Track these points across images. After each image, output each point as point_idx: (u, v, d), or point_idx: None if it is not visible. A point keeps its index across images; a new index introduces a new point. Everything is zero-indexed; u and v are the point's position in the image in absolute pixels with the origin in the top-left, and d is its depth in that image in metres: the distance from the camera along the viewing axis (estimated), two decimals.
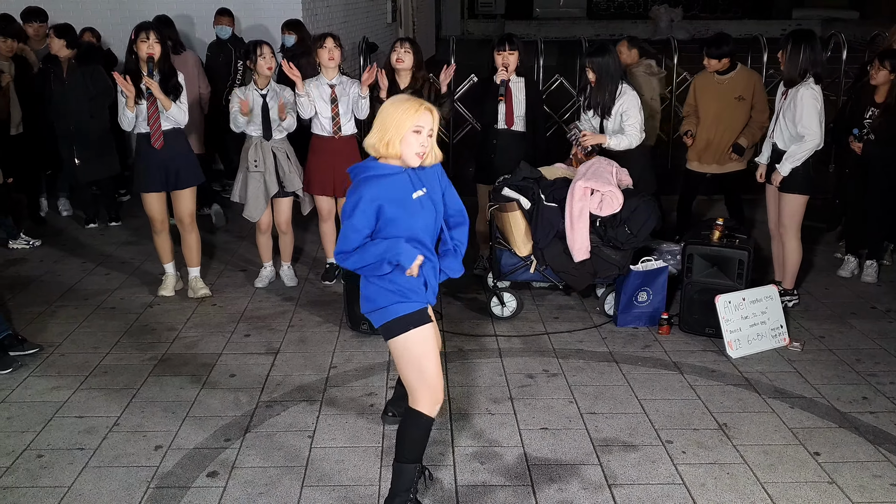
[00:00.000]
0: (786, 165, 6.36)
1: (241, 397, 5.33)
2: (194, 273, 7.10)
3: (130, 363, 5.83)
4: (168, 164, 6.62)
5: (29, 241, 8.38)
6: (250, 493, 4.32)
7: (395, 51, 6.85)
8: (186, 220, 6.88)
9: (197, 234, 7.00)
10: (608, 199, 6.16)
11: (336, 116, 6.80)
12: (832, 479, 4.44)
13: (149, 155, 6.59)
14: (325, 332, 6.32)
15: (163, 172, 6.63)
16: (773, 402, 5.26)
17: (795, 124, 6.27)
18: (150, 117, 6.49)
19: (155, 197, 6.74)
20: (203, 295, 7.01)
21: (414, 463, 4.03)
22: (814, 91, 6.24)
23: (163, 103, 6.45)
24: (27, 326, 6.40)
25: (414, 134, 3.78)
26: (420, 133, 3.79)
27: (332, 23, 11.90)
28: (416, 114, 3.77)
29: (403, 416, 4.09)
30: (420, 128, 3.79)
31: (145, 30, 6.44)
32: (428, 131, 3.82)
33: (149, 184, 6.67)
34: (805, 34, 6.35)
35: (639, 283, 6.29)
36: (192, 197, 6.85)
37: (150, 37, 6.39)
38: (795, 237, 6.55)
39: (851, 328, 6.38)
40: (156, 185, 6.67)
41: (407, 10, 18.40)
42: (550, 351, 5.99)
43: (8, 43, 8.41)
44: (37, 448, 4.74)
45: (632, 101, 6.71)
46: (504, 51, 6.87)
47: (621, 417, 5.07)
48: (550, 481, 4.42)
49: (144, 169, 6.64)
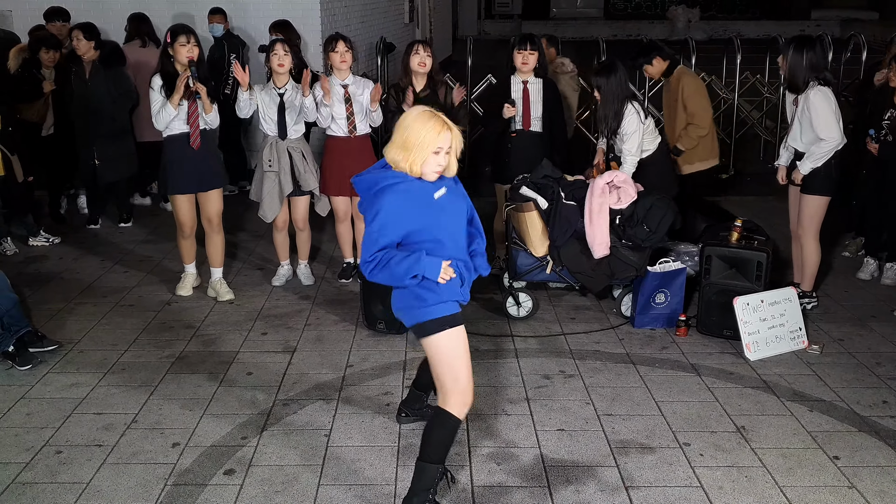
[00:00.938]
0: (806, 164, 6.34)
1: (259, 395, 5.34)
2: (217, 275, 7.06)
3: (149, 360, 5.85)
4: (200, 164, 6.63)
5: (49, 238, 8.43)
6: (267, 491, 4.33)
7: (416, 53, 6.82)
8: (215, 220, 6.86)
9: (223, 235, 6.98)
10: (624, 191, 6.17)
11: (351, 116, 6.80)
12: (852, 483, 4.41)
13: (183, 156, 6.57)
14: (341, 331, 6.32)
15: (195, 173, 6.64)
16: (791, 405, 5.23)
17: (814, 129, 6.24)
18: (189, 117, 6.49)
19: (186, 199, 6.73)
20: (229, 299, 6.97)
21: (437, 463, 4.03)
22: (823, 92, 6.21)
23: (206, 107, 6.50)
24: (46, 323, 6.43)
25: (434, 155, 3.83)
26: (439, 154, 3.84)
27: (349, 23, 11.91)
28: (439, 136, 3.81)
29: (432, 415, 4.10)
30: (440, 149, 3.83)
31: (185, 33, 6.43)
32: (447, 149, 3.85)
33: (182, 185, 6.66)
34: (805, 40, 6.35)
35: (657, 284, 6.27)
36: (220, 197, 6.85)
37: (189, 40, 6.40)
38: (814, 239, 6.52)
39: (871, 331, 6.34)
40: (188, 186, 6.67)
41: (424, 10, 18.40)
42: (567, 352, 5.98)
43: (51, 54, 8.51)
44: (55, 444, 4.77)
45: (631, 125, 6.64)
46: (525, 50, 6.88)
47: (638, 419, 5.06)
48: (567, 483, 4.41)
49: (177, 170, 6.61)
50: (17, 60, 8.47)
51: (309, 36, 10.46)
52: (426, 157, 3.81)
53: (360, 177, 3.97)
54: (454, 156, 3.92)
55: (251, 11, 10.52)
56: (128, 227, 9.06)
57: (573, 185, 6.37)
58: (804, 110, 6.28)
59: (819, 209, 6.43)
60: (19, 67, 8.45)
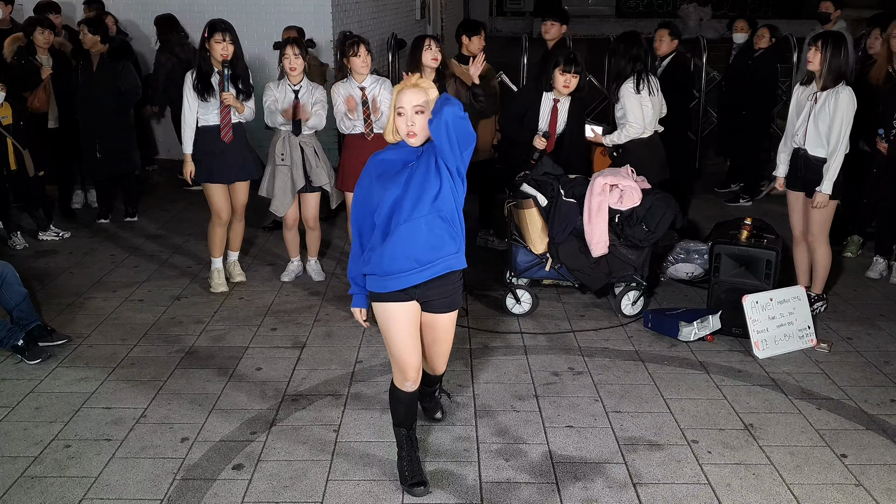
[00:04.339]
0: (827, 184, 6.13)
1: (267, 391, 5.36)
2: (234, 257, 7.29)
3: (158, 355, 5.87)
4: (231, 156, 6.71)
5: (59, 232, 8.46)
6: (275, 487, 4.34)
7: (429, 49, 6.77)
8: (240, 210, 7.04)
9: (244, 223, 7.19)
10: (628, 193, 6.18)
11: (368, 118, 6.80)
12: (859, 481, 4.40)
13: (215, 148, 6.65)
14: (351, 327, 6.33)
15: (226, 164, 6.72)
16: (799, 403, 5.22)
17: (831, 129, 6.05)
18: (222, 111, 6.59)
19: (219, 188, 6.80)
20: (239, 280, 7.21)
21: (398, 427, 4.34)
22: (852, 96, 6.03)
23: (238, 111, 6.60)
24: (56, 317, 6.46)
25: (398, 117, 3.94)
26: (402, 115, 3.92)
27: (361, 18, 11.91)
28: (397, 95, 3.95)
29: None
30: (402, 109, 3.92)
31: (221, 30, 6.44)
32: (412, 109, 3.90)
33: (214, 175, 6.75)
34: (841, 36, 6.12)
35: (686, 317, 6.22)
36: (247, 189, 6.98)
37: (225, 37, 6.42)
38: (826, 243, 6.45)
39: (880, 330, 6.32)
40: (220, 176, 6.75)
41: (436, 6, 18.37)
42: (576, 349, 5.98)
43: (45, 34, 8.46)
44: (64, 438, 4.79)
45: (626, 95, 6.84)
46: (569, 72, 6.65)
47: (647, 416, 5.06)
48: (575, 479, 4.41)
49: (210, 160, 6.69)
50: (13, 48, 8.43)
51: (320, 33, 10.47)
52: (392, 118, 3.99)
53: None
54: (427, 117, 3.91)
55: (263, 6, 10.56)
56: (134, 220, 9.09)
57: (573, 182, 6.38)
58: (824, 108, 6.07)
59: (829, 213, 6.32)
60: (15, 55, 8.42)
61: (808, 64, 6.16)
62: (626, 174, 6.33)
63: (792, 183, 6.47)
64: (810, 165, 6.25)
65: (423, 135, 3.94)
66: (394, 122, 3.99)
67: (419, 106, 3.90)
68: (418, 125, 3.91)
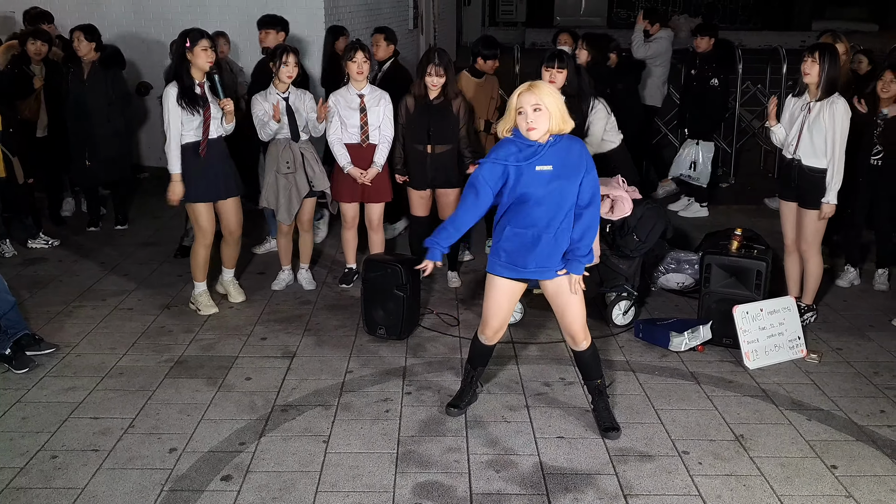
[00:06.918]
0: (832, 195, 6.16)
1: (257, 401, 5.33)
2: (229, 275, 7.02)
3: (147, 365, 5.84)
4: (210, 172, 6.42)
5: (48, 240, 8.42)
6: (264, 498, 4.31)
7: (430, 75, 6.61)
8: (235, 232, 6.76)
9: (240, 243, 6.93)
10: (619, 204, 6.19)
11: (364, 125, 6.77)
12: (849, 492, 4.40)
13: (194, 165, 6.37)
14: (341, 337, 6.31)
15: (207, 181, 6.44)
16: (790, 413, 5.22)
17: (833, 141, 6.06)
18: (203, 124, 6.33)
19: (203, 206, 6.50)
20: (241, 301, 6.97)
21: (468, 362, 5.22)
22: (847, 106, 6.08)
23: (229, 119, 6.46)
24: (44, 326, 6.43)
25: (519, 116, 4.45)
26: (523, 113, 4.42)
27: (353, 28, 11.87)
28: (517, 97, 4.45)
29: None
30: (522, 108, 4.42)
31: (207, 37, 6.27)
32: (531, 108, 4.39)
33: (195, 194, 6.44)
34: (835, 48, 6.15)
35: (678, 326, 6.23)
36: (238, 208, 6.70)
37: (211, 45, 6.25)
38: (818, 253, 6.45)
39: (869, 341, 6.33)
40: (201, 194, 6.46)
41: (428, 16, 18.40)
42: (567, 359, 5.96)
43: (37, 45, 8.45)
44: (51, 449, 4.76)
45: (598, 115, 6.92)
46: (553, 68, 6.46)
47: (637, 427, 5.04)
48: (566, 490, 4.39)
49: (191, 179, 6.37)
50: (7, 57, 8.44)
51: (312, 43, 10.46)
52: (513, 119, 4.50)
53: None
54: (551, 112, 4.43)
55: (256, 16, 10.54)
56: (124, 228, 9.06)
57: None
58: (818, 118, 6.08)
59: (823, 223, 6.34)
60: (8, 64, 8.41)
61: (804, 76, 6.15)
62: (618, 184, 6.34)
63: (785, 193, 6.47)
64: (804, 176, 6.25)
65: (541, 128, 4.43)
66: (514, 121, 4.49)
67: (537, 104, 4.39)
68: (537, 121, 4.41)
